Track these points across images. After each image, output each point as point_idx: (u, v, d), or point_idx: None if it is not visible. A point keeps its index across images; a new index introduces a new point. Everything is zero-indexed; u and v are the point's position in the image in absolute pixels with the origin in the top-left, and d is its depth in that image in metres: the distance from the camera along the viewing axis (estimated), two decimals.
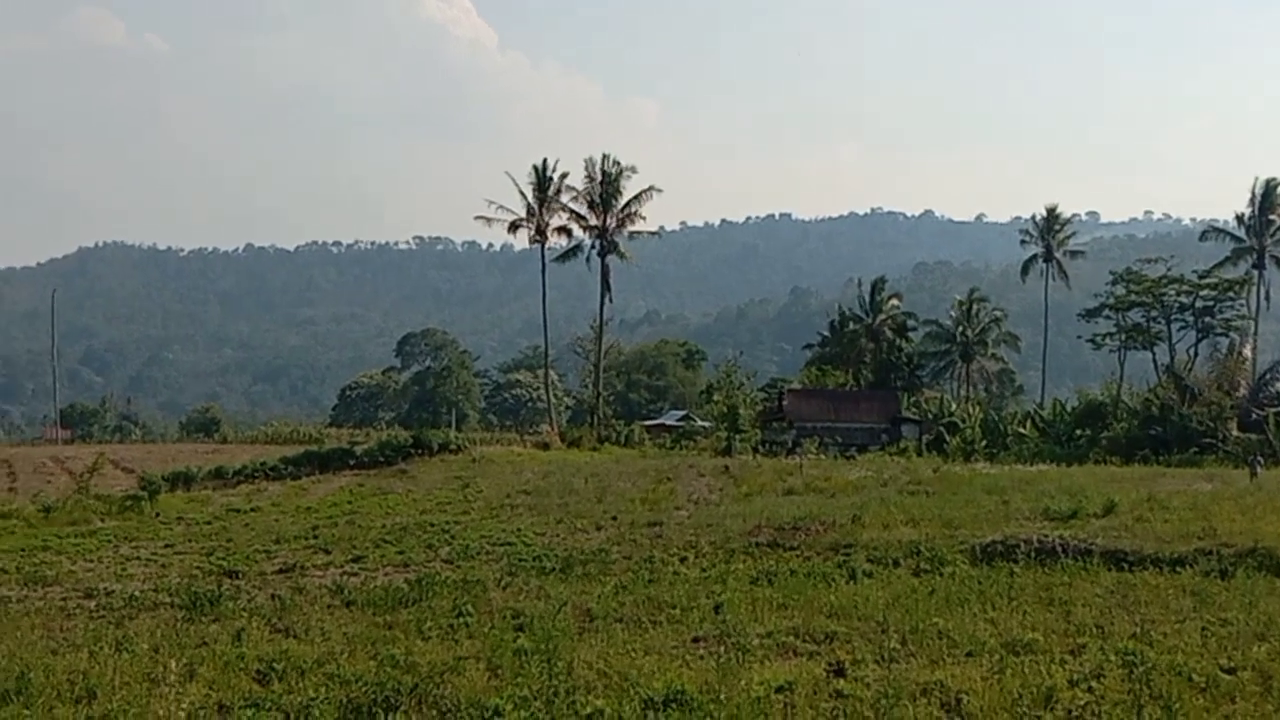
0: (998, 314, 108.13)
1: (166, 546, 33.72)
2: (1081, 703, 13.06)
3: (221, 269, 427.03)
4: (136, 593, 24.56)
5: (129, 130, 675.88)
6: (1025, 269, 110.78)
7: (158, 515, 41.20)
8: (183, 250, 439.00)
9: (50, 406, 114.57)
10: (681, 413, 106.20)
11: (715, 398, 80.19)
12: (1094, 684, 13.64)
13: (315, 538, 34.07)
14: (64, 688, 14.45)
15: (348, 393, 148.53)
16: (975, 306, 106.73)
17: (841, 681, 14.32)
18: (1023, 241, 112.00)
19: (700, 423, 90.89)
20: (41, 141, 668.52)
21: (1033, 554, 25.17)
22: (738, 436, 69.88)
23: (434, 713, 13.18)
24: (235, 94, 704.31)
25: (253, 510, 42.26)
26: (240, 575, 27.53)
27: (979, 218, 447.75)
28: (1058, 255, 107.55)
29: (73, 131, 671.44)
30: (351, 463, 54.06)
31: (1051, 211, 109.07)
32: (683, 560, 27.64)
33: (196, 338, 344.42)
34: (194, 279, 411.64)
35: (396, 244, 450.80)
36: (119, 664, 15.57)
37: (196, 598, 22.49)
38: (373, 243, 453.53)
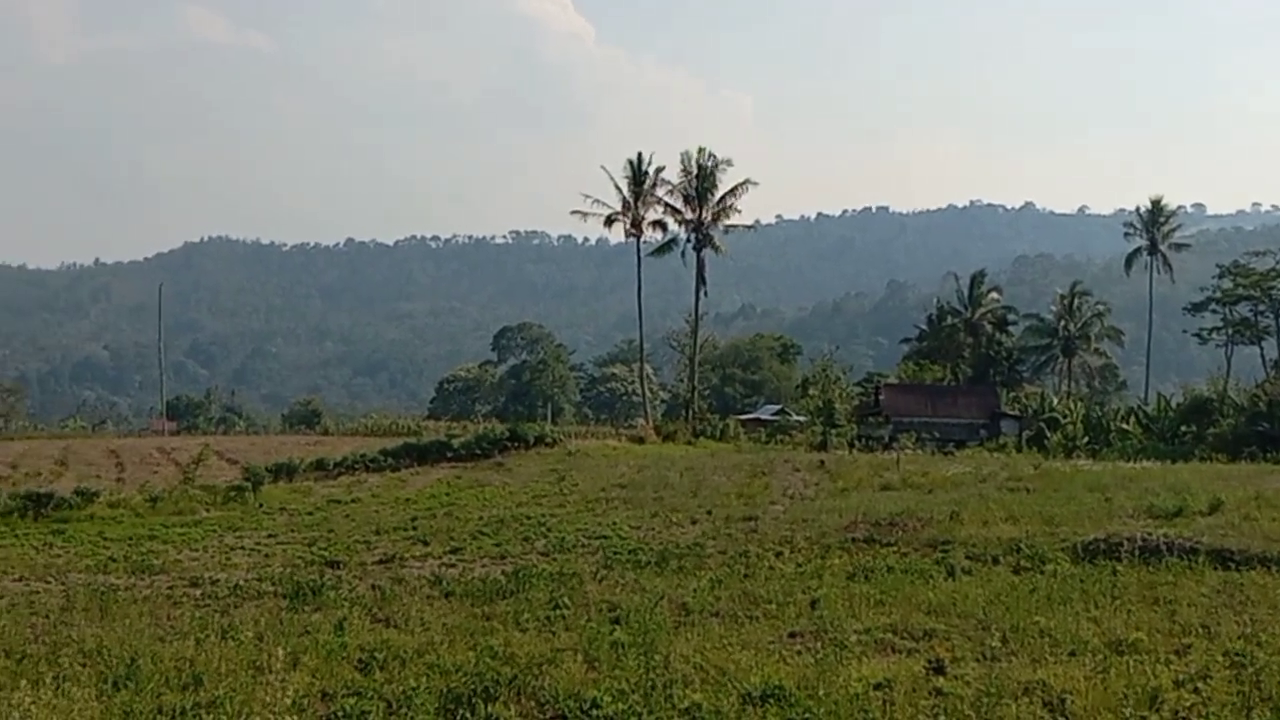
0: (1100, 308, 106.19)
1: (269, 536, 34.34)
2: (1188, 704, 12.83)
3: (323, 263, 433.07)
4: (241, 582, 25.05)
5: (233, 126, 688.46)
6: (1129, 262, 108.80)
7: (261, 506, 41.94)
8: (285, 245, 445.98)
9: (157, 398, 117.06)
10: (776, 407, 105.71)
11: (811, 392, 79.84)
12: (1200, 685, 13.41)
13: (414, 529, 34.49)
14: (171, 674, 14.79)
15: (445, 386, 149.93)
16: (1077, 300, 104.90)
17: (941, 679, 14.19)
18: (1126, 234, 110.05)
19: (795, 417, 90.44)
20: (149, 138, 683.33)
21: (1136, 552, 24.71)
22: (833, 431, 69.44)
23: (533, 704, 13.29)
24: (336, 91, 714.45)
25: (353, 501, 42.85)
26: (341, 565, 27.96)
27: (1081, 210, 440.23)
28: (1162, 248, 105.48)
29: (179, 128, 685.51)
30: (449, 455, 54.52)
31: (1156, 203, 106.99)
32: (778, 555, 27.54)
33: (298, 331, 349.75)
34: (296, 273, 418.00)
35: (493, 238, 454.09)
36: (224, 652, 15.89)
37: (299, 587, 22.89)
38: (470, 237, 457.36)
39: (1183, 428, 71.04)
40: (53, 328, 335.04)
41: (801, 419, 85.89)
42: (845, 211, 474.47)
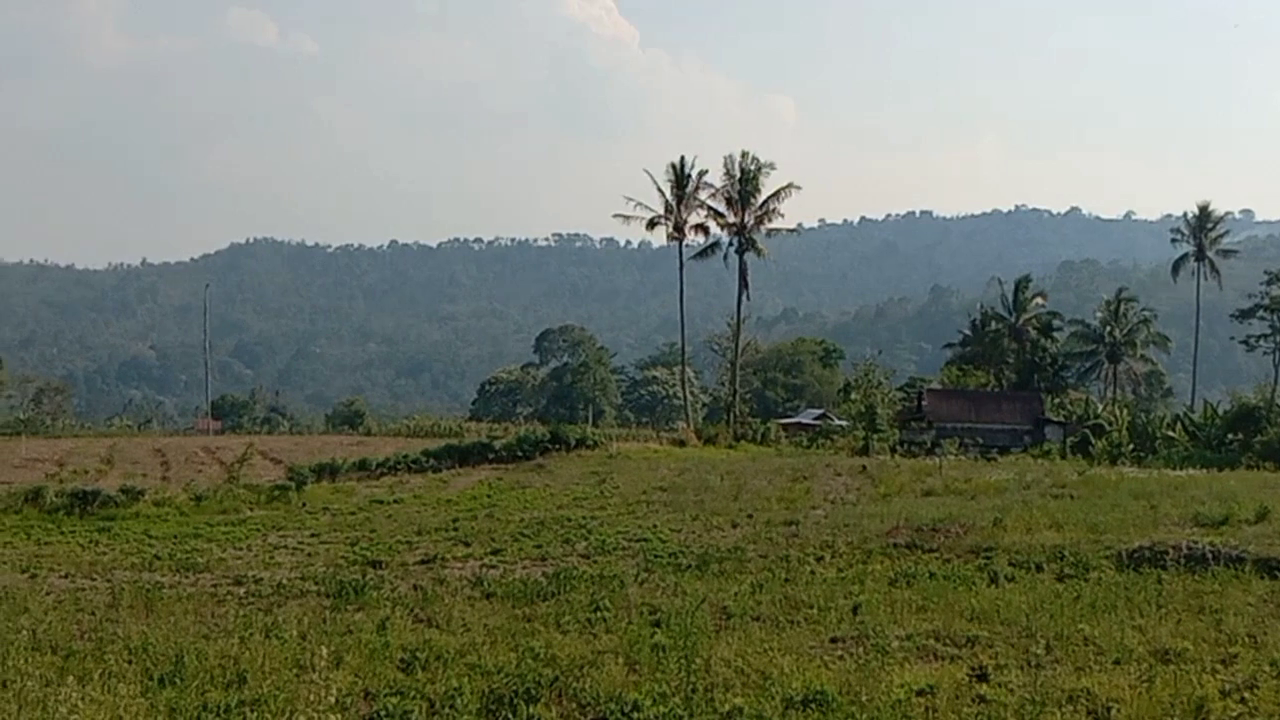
0: (1147, 314, 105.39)
1: (312, 536, 34.57)
2: (1234, 714, 12.71)
3: (367, 265, 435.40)
4: (284, 580, 25.20)
5: (279, 129, 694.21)
6: (1176, 268, 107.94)
7: (304, 505, 42.26)
8: (330, 246, 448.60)
9: (202, 398, 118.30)
10: (818, 411, 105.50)
11: (853, 397, 79.52)
12: (1247, 695, 13.27)
13: (455, 530, 34.62)
14: (216, 672, 14.90)
15: (487, 387, 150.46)
16: (1123, 306, 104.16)
17: (984, 686, 14.10)
18: (1173, 240, 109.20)
19: (837, 422, 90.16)
20: (196, 140, 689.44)
21: (1182, 560, 24.44)
22: (876, 436, 69.21)
23: (574, 705, 13.32)
24: (380, 93, 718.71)
25: (395, 502, 43.08)
26: (383, 565, 28.08)
27: (1127, 215, 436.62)
28: (1210, 254, 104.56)
29: (225, 131, 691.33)
30: (490, 457, 54.79)
31: (1204, 209, 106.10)
32: (819, 560, 27.44)
33: (342, 332, 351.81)
34: (340, 274, 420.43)
35: (536, 241, 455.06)
36: (268, 650, 15.98)
37: (342, 586, 23.02)
38: (513, 239, 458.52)
39: (1229, 435, 70.29)
40: (100, 327, 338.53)
41: (843, 424, 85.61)
42: (889, 215, 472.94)
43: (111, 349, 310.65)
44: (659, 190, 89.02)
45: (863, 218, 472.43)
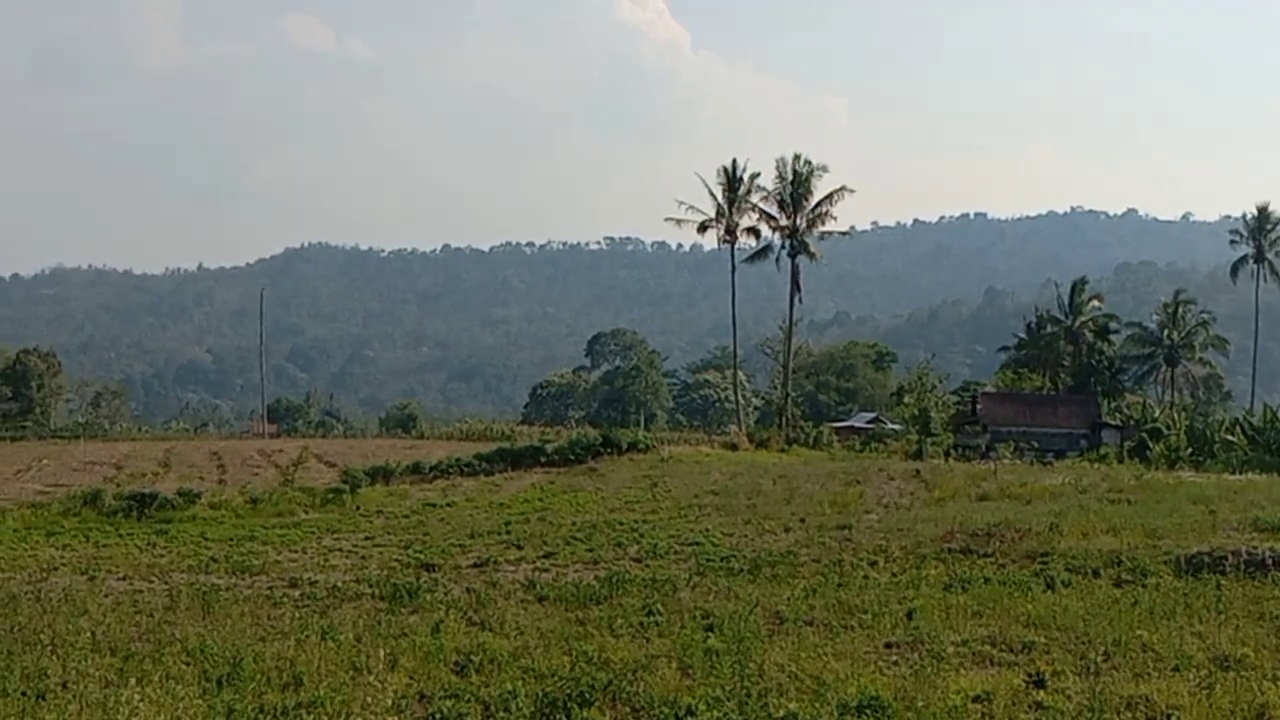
0: (1205, 317, 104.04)
1: (366, 539, 34.80)
2: None
3: (420, 269, 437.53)
4: (339, 583, 25.40)
5: (333, 134, 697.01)
6: (1235, 270, 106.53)
7: (358, 508, 42.55)
8: (383, 250, 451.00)
9: (258, 401, 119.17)
10: (871, 415, 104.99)
11: (906, 400, 79.01)
12: None
13: (508, 533, 34.75)
14: (273, 674, 15.05)
15: (539, 391, 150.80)
16: (1181, 309, 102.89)
17: (1041, 693, 13.99)
18: (1232, 242, 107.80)
19: (890, 425, 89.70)
20: (250, 145, 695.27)
21: (1241, 566, 24.18)
22: (929, 440, 68.80)
23: (627, 710, 13.32)
24: (434, 97, 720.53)
25: (448, 505, 43.28)
26: (437, 568, 28.23)
27: (1185, 217, 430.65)
28: (1269, 256, 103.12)
29: (280, 135, 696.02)
30: (542, 460, 54.95)
31: (1263, 210, 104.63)
32: (873, 564, 27.34)
33: (395, 336, 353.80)
34: (393, 279, 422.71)
35: (587, 244, 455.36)
36: (324, 652, 16.12)
37: (396, 589, 23.17)
38: (564, 243, 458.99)
39: None
40: (157, 331, 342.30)
41: (896, 427, 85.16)
42: (942, 218, 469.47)
43: (168, 353, 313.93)
44: (710, 193, 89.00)
45: (916, 220, 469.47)
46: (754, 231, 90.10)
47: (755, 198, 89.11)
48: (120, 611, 21.27)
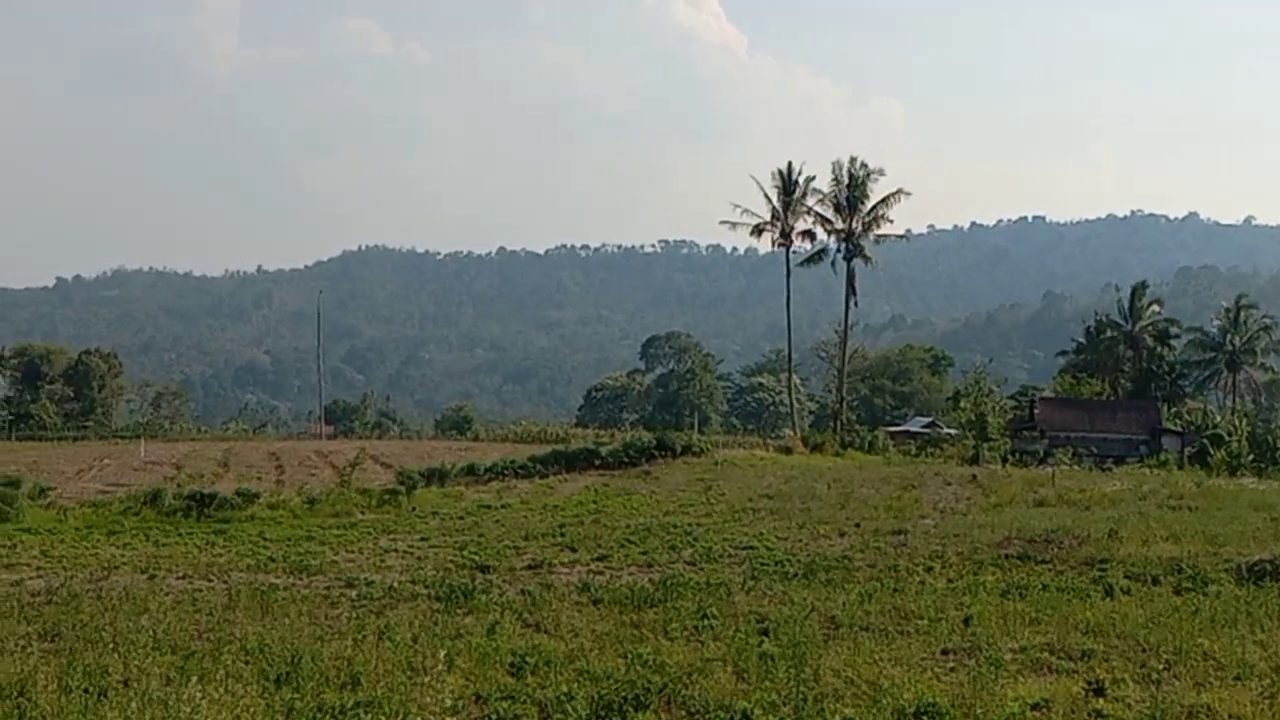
0: (1268, 322, 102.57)
1: (422, 540, 35.00)
2: None
3: (475, 271, 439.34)
4: (395, 584, 25.57)
5: (391, 137, 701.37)
6: None
7: (414, 509, 42.79)
8: (439, 253, 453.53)
9: (315, 403, 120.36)
10: (927, 419, 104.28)
11: (962, 405, 78.50)
12: None
13: (562, 535, 34.84)
14: (331, 673, 15.16)
15: (593, 394, 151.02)
16: (1243, 314, 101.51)
17: (1101, 701, 13.84)
18: None
19: (946, 430, 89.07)
20: (309, 149, 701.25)
21: None
22: (986, 445, 68.29)
23: (683, 713, 13.32)
24: (489, 100, 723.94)
25: (503, 507, 43.43)
26: (491, 570, 28.35)
27: (1248, 220, 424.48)
28: None
29: (338, 139, 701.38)
30: (596, 463, 55.04)
31: None
32: (929, 570, 27.19)
33: (451, 338, 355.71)
34: (449, 281, 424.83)
35: (642, 247, 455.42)
36: (381, 652, 16.21)
37: (452, 591, 23.28)
38: (619, 246, 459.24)
39: None
40: (216, 333, 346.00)
41: (952, 432, 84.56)
42: (1000, 221, 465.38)
43: (228, 354, 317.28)
44: (765, 196, 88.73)
45: (973, 223, 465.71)
46: (809, 234, 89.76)
47: (810, 200, 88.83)
48: (180, 610, 21.52)
